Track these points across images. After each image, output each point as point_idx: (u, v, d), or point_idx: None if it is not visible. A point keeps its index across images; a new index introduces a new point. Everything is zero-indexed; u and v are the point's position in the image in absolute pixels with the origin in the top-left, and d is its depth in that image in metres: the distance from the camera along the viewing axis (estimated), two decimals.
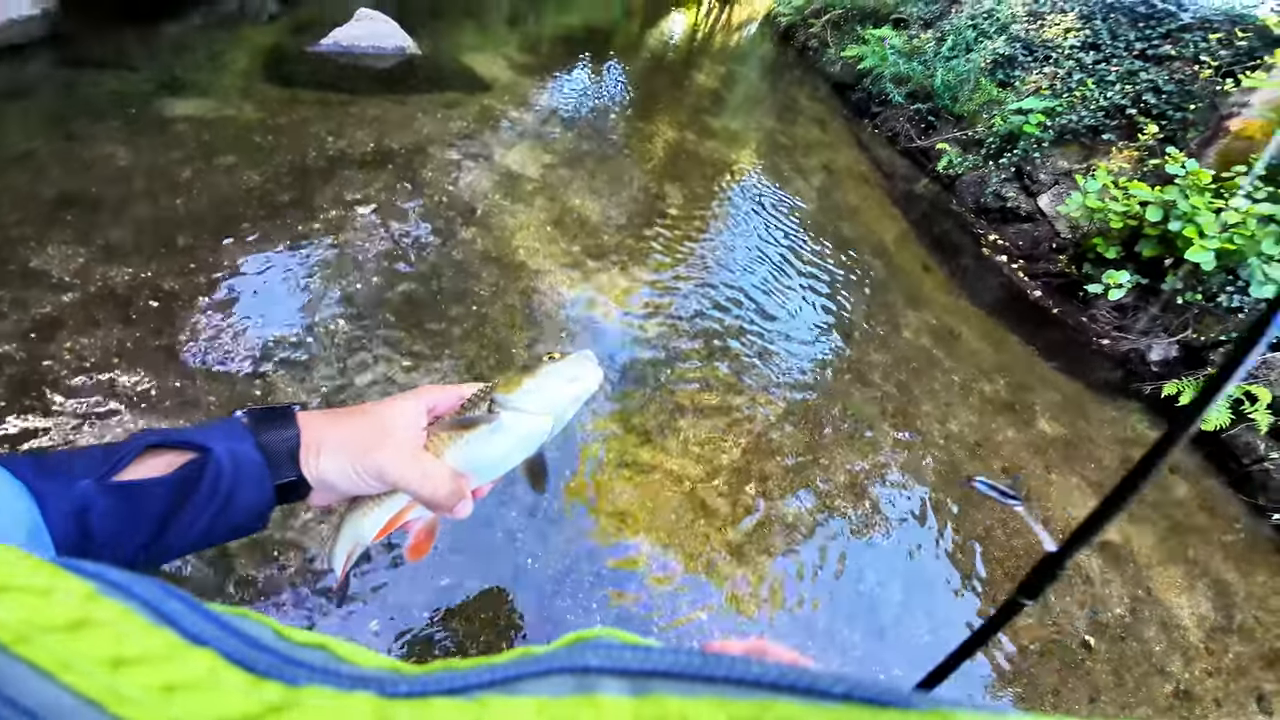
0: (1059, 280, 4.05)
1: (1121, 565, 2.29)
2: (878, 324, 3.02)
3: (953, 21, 6.08)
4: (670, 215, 3.20)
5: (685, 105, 4.93)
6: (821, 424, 2.30)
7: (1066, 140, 4.58)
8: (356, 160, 2.70)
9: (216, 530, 0.35)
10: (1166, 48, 4.51)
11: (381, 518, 0.42)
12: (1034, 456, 2.60)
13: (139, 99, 2.70)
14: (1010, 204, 4.62)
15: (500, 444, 0.43)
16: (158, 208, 2.16)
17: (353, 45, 3.73)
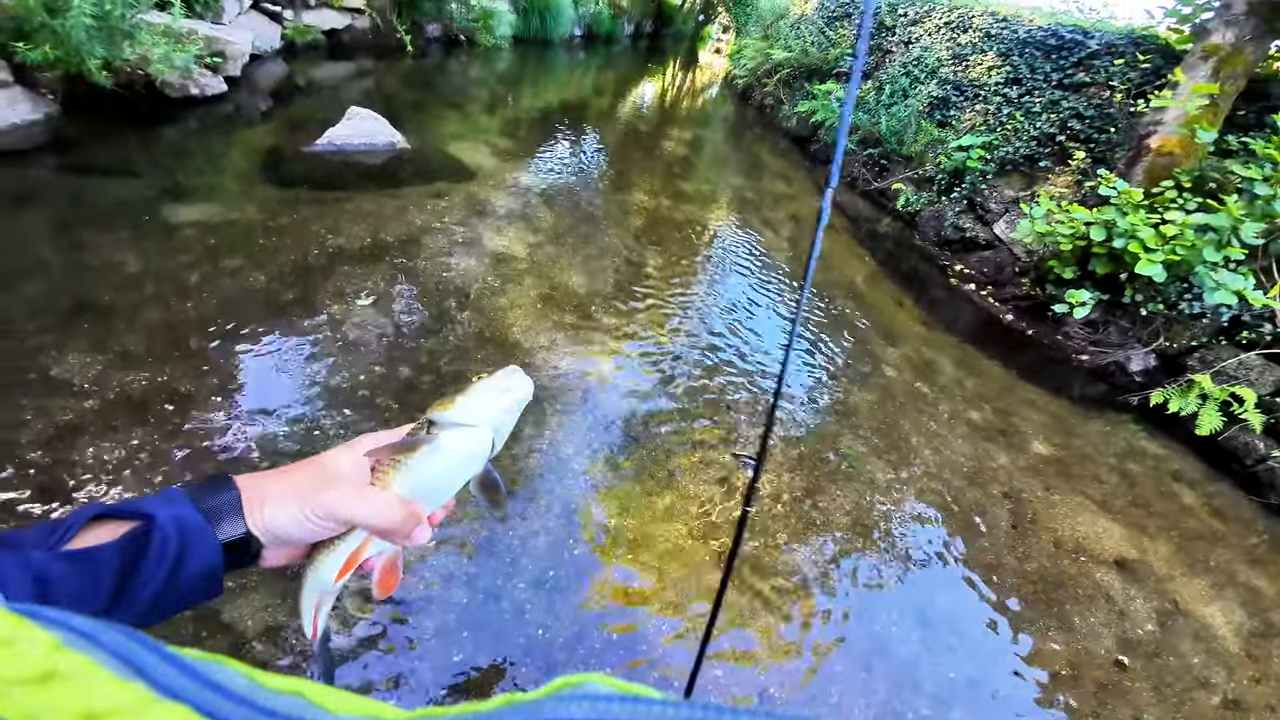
0: (1027, 302, 4.18)
1: (1141, 580, 2.28)
2: (859, 363, 3.12)
3: (888, 71, 6.55)
4: (652, 281, 3.37)
5: (658, 172, 5.28)
6: (815, 468, 2.35)
7: (1008, 170, 4.86)
8: (354, 255, 2.87)
9: (170, 598, 0.35)
10: (1080, 75, 4.81)
11: (339, 559, 0.42)
12: (1032, 479, 2.63)
13: (144, 206, 2.88)
14: (969, 234, 4.85)
15: (443, 462, 0.43)
16: (169, 312, 2.27)
17: (346, 144, 3.99)
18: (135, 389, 1.95)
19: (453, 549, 1.73)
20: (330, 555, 0.42)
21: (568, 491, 1.98)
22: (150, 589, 0.34)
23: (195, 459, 1.78)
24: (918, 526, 2.23)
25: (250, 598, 1.50)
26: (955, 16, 6.15)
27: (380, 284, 2.70)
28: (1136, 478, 2.89)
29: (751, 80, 9.73)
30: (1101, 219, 3.66)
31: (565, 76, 9.09)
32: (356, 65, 6.27)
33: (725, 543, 1.94)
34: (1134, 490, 2.78)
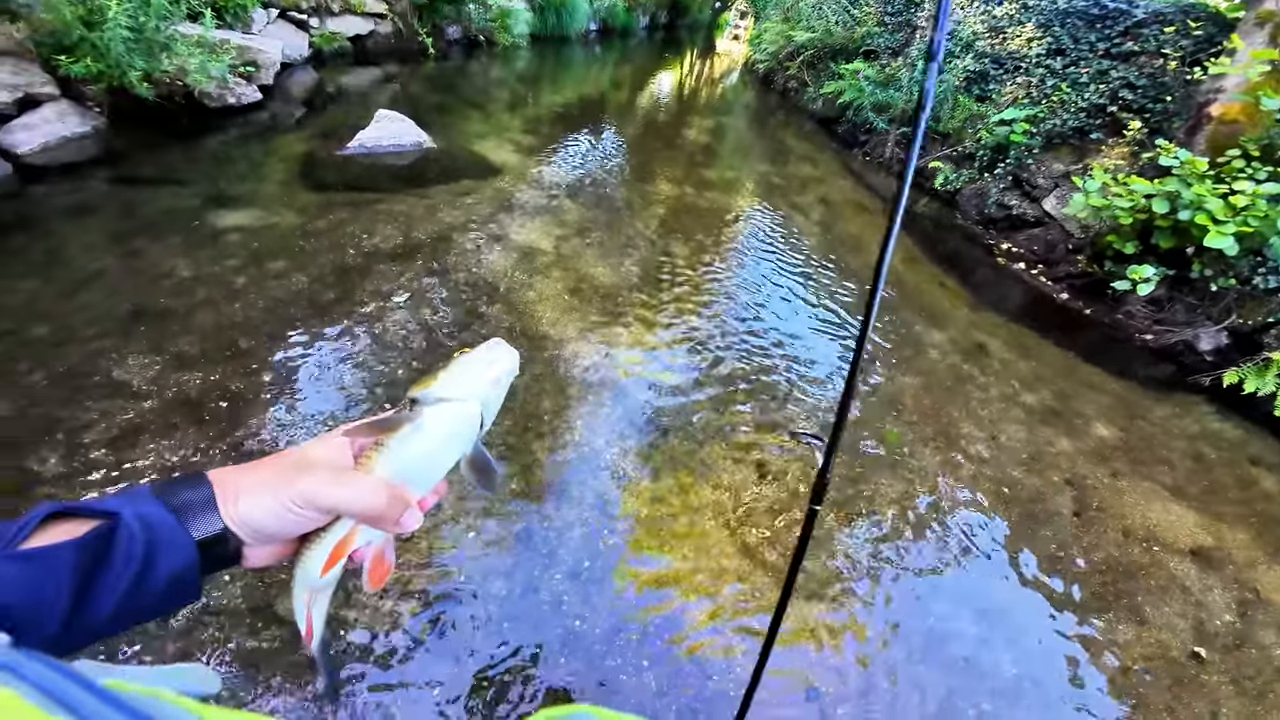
0: (1083, 280, 3.96)
1: (1219, 569, 2.13)
2: (901, 347, 3.00)
3: (919, 47, 6.32)
4: (679, 270, 3.32)
5: (680, 162, 5.20)
6: (859, 455, 2.26)
7: (1056, 144, 4.62)
8: (388, 254, 2.93)
9: (143, 601, 0.33)
10: (1129, 44, 4.57)
11: (325, 550, 0.39)
12: (1096, 464, 2.48)
13: (191, 213, 3.01)
14: (1016, 211, 4.62)
15: (427, 441, 0.40)
16: (220, 315, 2.36)
17: (376, 146, 4.10)
18: (191, 389, 2.03)
19: (490, 541, 1.74)
20: (317, 547, 0.39)
21: (601, 483, 1.97)
22: (117, 593, 0.31)
23: (247, 454, 1.84)
24: (972, 515, 2.12)
25: None
26: None
27: (414, 282, 2.75)
28: (1211, 462, 2.69)
29: (773, 64, 9.50)
30: (1164, 190, 3.45)
31: (583, 72, 9.10)
32: (382, 70, 6.42)
33: (760, 532, 1.89)
34: (1209, 475, 2.60)
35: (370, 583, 0.42)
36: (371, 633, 1.48)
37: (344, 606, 1.51)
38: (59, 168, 3.29)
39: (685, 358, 2.62)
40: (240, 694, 1.36)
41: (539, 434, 2.09)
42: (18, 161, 3.22)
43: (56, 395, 1.92)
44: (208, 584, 1.51)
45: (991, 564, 1.97)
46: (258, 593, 1.51)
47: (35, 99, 3.49)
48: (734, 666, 1.56)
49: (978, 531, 2.07)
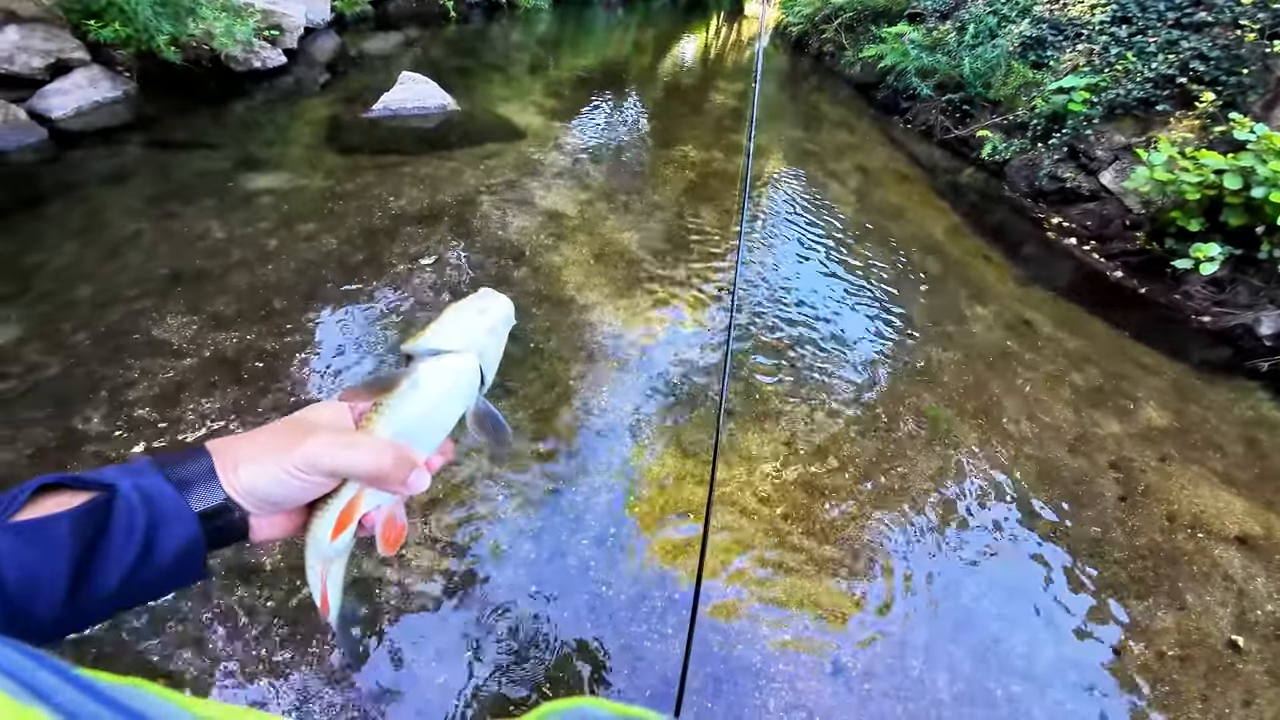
0: (1140, 258, 3.74)
1: (1266, 558, 2.04)
2: (942, 321, 2.88)
3: (971, 10, 5.95)
4: (706, 236, 3.23)
5: (708, 126, 5.02)
6: (893, 430, 2.20)
7: (1118, 115, 4.33)
8: (415, 217, 2.91)
9: (149, 576, 0.31)
10: (1202, 14, 4.27)
11: (332, 516, 0.38)
12: (1145, 448, 2.37)
13: (223, 176, 3.03)
14: (1070, 184, 4.35)
15: (424, 397, 0.38)
16: (254, 276, 2.40)
17: (400, 108, 4.07)
18: (228, 348, 2.07)
19: (520, 504, 1.75)
20: (325, 513, 0.37)
21: (625, 449, 1.96)
22: (122, 566, 0.30)
23: (285, 412, 1.87)
24: (1011, 496, 2.05)
25: None
26: None
27: (441, 245, 2.74)
28: (1265, 449, 2.56)
29: (807, 27, 9.01)
30: (1238, 166, 3.25)
31: (605, 36, 8.83)
32: (403, 34, 6.33)
33: (784, 503, 1.87)
34: (1262, 463, 2.47)
35: (384, 546, 0.40)
36: (401, 587, 1.51)
37: (371, 563, 1.55)
38: (94, 133, 3.33)
39: (710, 325, 2.57)
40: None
41: (564, 399, 2.09)
42: (53, 127, 3.27)
43: (100, 354, 1.98)
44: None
45: (1029, 546, 1.92)
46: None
47: (67, 64, 3.52)
48: (759, 637, 1.56)
49: (1017, 512, 2.01)
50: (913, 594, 1.71)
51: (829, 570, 1.72)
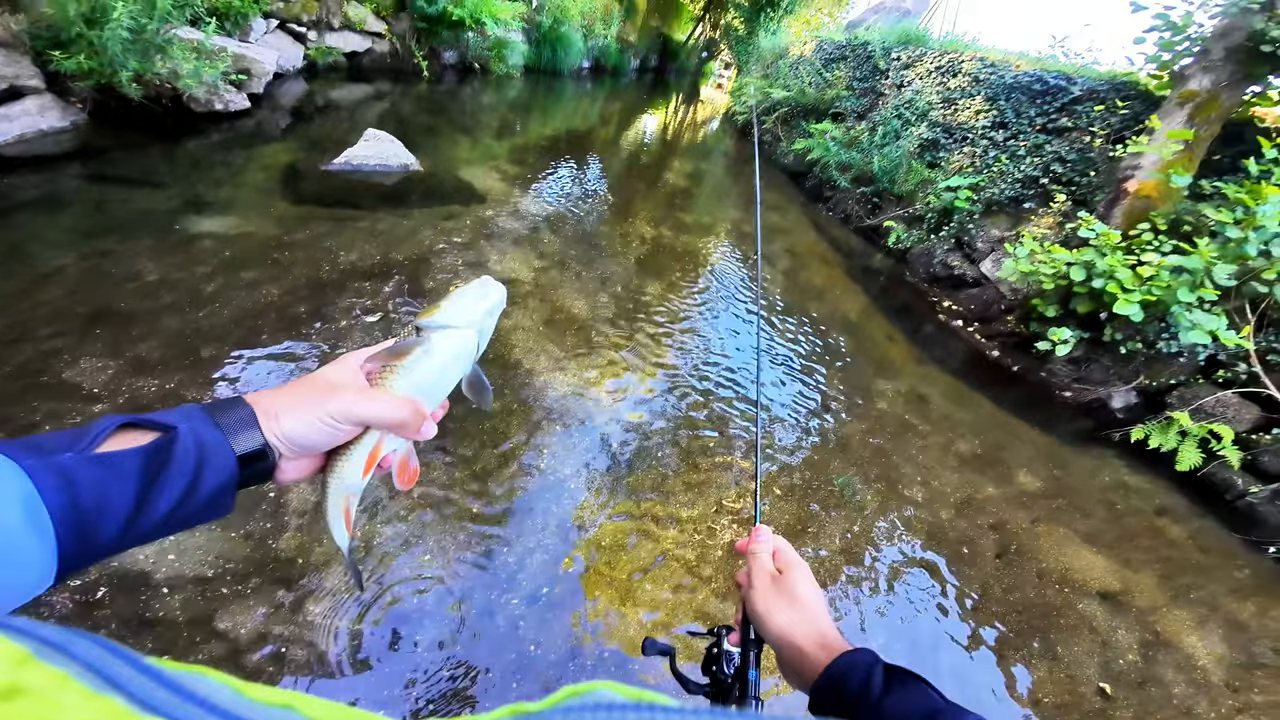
0: (1013, 339, 4.27)
1: (1125, 611, 2.32)
2: (852, 395, 3.20)
3: (881, 113, 6.78)
4: (653, 307, 3.45)
5: (659, 203, 5.44)
6: (809, 496, 2.40)
7: (994, 211, 4.97)
8: (365, 271, 2.95)
9: (186, 511, 0.36)
10: (1063, 120, 4.94)
11: (360, 459, 0.45)
12: (1019, 510, 2.69)
13: (166, 216, 2.96)
14: (957, 271, 4.95)
15: (435, 362, 0.47)
16: (184, 320, 2.33)
17: (362, 164, 4.13)
18: (146, 394, 1.99)
19: (448, 564, 1.76)
20: (352, 456, 0.45)
21: (565, 510, 2.02)
22: (168, 501, 0.34)
23: None
24: (907, 555, 2.27)
25: (245, 604, 1.52)
26: (945, 61, 6.36)
27: (389, 301, 2.78)
28: (1122, 512, 2.94)
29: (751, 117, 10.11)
30: (1081, 259, 3.75)
31: (573, 106, 9.41)
32: (374, 87, 6.50)
33: (717, 563, 1.98)
34: (1120, 524, 2.83)
35: (401, 483, 0.49)
36: (316, 650, 1.47)
37: (285, 624, 1.50)
38: (32, 159, 3.20)
39: (653, 392, 2.72)
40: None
41: (505, 461, 2.14)
42: None
43: (3, 393, 1.86)
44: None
45: (922, 602, 2.11)
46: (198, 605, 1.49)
47: (19, 91, 3.42)
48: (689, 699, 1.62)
49: (911, 571, 2.22)
50: None
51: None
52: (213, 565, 1.59)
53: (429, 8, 7.08)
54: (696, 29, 19.36)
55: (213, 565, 1.59)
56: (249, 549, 1.65)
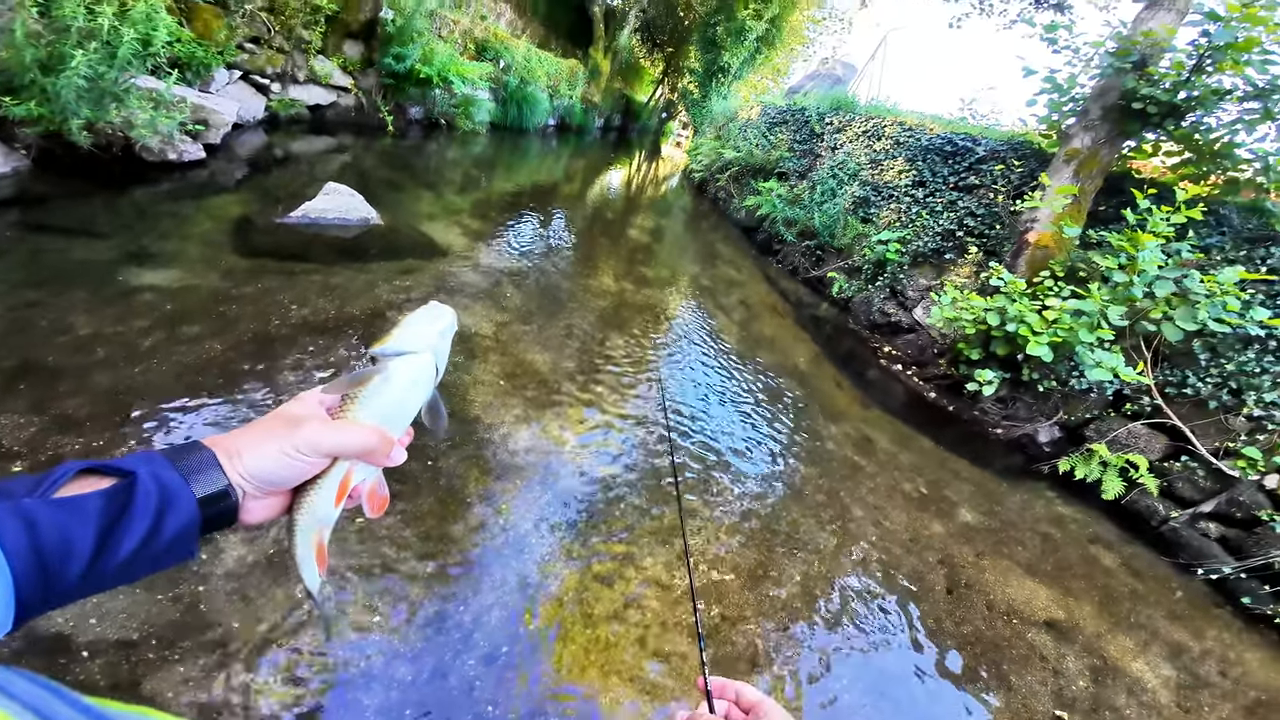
0: (946, 381, 4.59)
1: (1071, 639, 2.41)
2: (805, 440, 3.33)
3: (819, 173, 7.41)
4: (615, 360, 3.51)
5: (621, 258, 5.64)
6: (767, 540, 2.44)
7: (920, 262, 5.42)
8: (317, 327, 2.88)
9: (145, 556, 0.36)
10: (972, 178, 5.49)
11: (331, 490, 0.45)
12: (963, 545, 2.82)
13: (105, 268, 2.83)
14: (894, 319, 5.33)
15: (395, 388, 0.47)
16: (117, 377, 2.20)
17: (320, 217, 4.07)
18: (68, 453, 1.85)
19: (398, 625, 1.67)
20: (322, 488, 0.45)
21: (524, 566, 1.98)
22: (130, 543, 0.34)
23: None
24: (863, 594, 2.33)
25: (173, 670, 1.38)
26: (870, 126, 7.08)
27: (341, 359, 2.72)
28: (1057, 542, 3.10)
29: (706, 175, 10.85)
30: (995, 306, 4.06)
31: (538, 163, 9.77)
32: (337, 140, 6.55)
33: (684, 617, 1.97)
34: (1056, 554, 2.98)
35: (373, 511, 0.50)
36: (253, 717, 1.35)
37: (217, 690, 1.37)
38: None
39: (616, 444, 2.73)
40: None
41: (461, 517, 2.09)
42: None
43: None
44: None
45: (880, 639, 2.15)
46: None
47: None
48: None
49: (868, 609, 2.27)
50: (787, 690, 1.83)
51: (718, 674, 1.80)
52: (138, 629, 1.46)
53: (397, 65, 7.34)
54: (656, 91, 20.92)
55: (138, 629, 1.46)
56: (177, 613, 1.52)
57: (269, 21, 5.79)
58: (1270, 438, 3.31)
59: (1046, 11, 8.32)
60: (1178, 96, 3.95)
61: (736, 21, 14.54)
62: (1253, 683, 2.48)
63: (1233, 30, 3.67)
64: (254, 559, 1.71)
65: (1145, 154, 4.77)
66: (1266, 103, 3.75)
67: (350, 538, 1.87)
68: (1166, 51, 4.15)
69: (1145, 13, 4.40)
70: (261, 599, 1.61)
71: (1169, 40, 4.13)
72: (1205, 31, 3.84)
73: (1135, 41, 4.15)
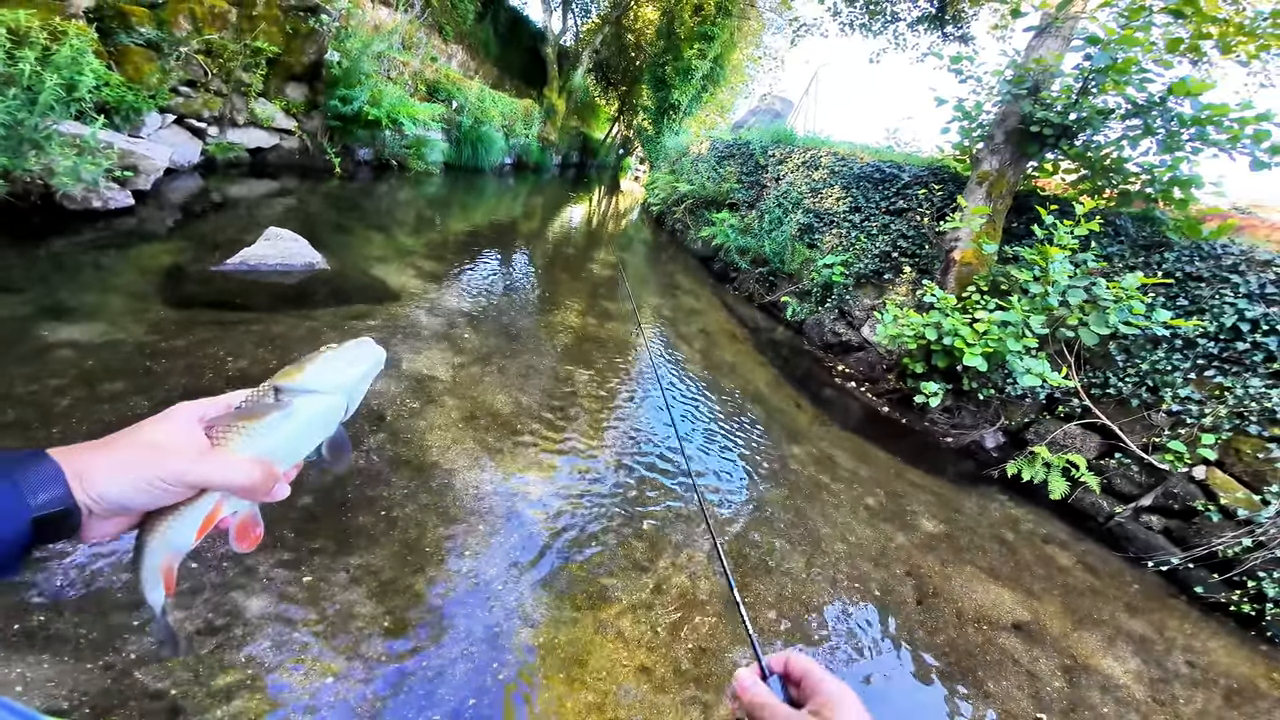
0: (896, 395, 4.79)
1: (1040, 641, 2.47)
2: (769, 462, 3.36)
3: (765, 202, 7.78)
4: (579, 396, 3.46)
5: (583, 293, 5.63)
6: (739, 563, 2.43)
7: (863, 283, 5.72)
8: (256, 380, 2.64)
9: None
10: (900, 202, 5.85)
11: (194, 522, 0.42)
12: (927, 555, 2.89)
13: (15, 324, 2.61)
14: (844, 338, 5.56)
15: (295, 427, 0.44)
16: (28, 440, 2.00)
17: (260, 263, 3.88)
18: None
19: (356, 683, 1.54)
20: (183, 518, 0.42)
21: (491, 615, 1.87)
22: None
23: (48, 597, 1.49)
24: (836, 610, 2.34)
25: None
26: (809, 156, 7.54)
27: None
28: (1014, 544, 3.21)
29: (664, 208, 11.20)
30: (931, 321, 4.26)
31: (495, 202, 9.77)
32: (280, 184, 6.35)
33: (658, 657, 1.91)
34: (1015, 556, 3.08)
35: (243, 544, 0.46)
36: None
37: None
38: None
39: (582, 482, 2.67)
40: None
41: (420, 568, 1.97)
42: None
43: None
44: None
45: (856, 654, 2.15)
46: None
47: None
48: None
49: (843, 625, 2.27)
50: None
51: (696, 696, 1.74)
52: (67, 698, 1.34)
53: (343, 108, 7.27)
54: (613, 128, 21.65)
55: (67, 698, 1.34)
56: (109, 680, 1.39)
57: (205, 65, 5.66)
58: (1190, 431, 3.58)
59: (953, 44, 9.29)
60: (1068, 118, 4.38)
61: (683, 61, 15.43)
62: (1220, 671, 2.59)
63: (1111, 52, 4.07)
64: (191, 625, 1.54)
65: (1047, 173, 5.28)
66: (1146, 119, 4.16)
67: (299, 596, 1.72)
68: (1056, 76, 4.58)
69: (1035, 40, 4.92)
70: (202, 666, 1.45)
71: (1057, 66, 4.55)
72: (1088, 55, 4.27)
73: (1029, 69, 4.61)
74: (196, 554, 1.78)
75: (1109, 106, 4.35)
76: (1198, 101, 3.92)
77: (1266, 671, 2.68)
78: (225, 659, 1.51)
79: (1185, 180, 4.19)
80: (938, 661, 2.22)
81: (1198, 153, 4.10)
